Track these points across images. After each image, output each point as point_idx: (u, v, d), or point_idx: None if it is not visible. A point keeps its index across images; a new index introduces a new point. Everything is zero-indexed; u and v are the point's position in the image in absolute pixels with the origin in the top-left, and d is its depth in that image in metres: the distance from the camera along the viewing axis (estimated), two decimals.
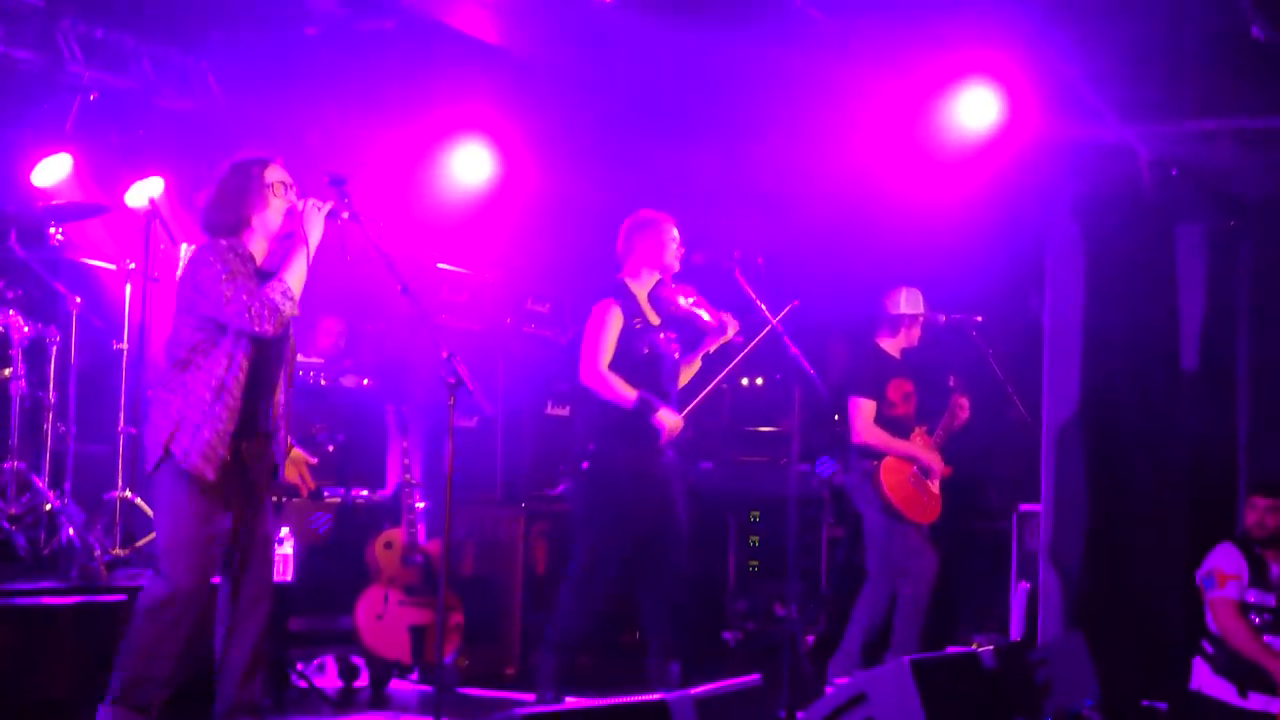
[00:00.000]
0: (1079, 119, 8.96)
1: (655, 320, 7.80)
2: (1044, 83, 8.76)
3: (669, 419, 7.64)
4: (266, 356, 6.25)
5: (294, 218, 6.26)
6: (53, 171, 9.02)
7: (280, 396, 6.38)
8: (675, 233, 7.85)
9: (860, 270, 9.61)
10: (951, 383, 8.96)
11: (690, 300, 7.82)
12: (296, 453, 6.80)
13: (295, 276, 6.16)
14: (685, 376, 7.99)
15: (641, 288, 7.83)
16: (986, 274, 9.94)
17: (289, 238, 6.28)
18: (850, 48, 8.60)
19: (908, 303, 8.93)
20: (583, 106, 10.06)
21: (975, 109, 9.01)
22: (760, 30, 8.48)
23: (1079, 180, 9.33)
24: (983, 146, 9.08)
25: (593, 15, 8.12)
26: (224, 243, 6.20)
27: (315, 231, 6.24)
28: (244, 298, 6.03)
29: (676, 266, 7.82)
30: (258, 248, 6.28)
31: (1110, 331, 9.19)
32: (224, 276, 6.07)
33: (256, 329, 6.03)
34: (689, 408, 8.12)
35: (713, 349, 7.93)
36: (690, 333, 7.90)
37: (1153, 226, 9.20)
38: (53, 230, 8.51)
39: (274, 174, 6.31)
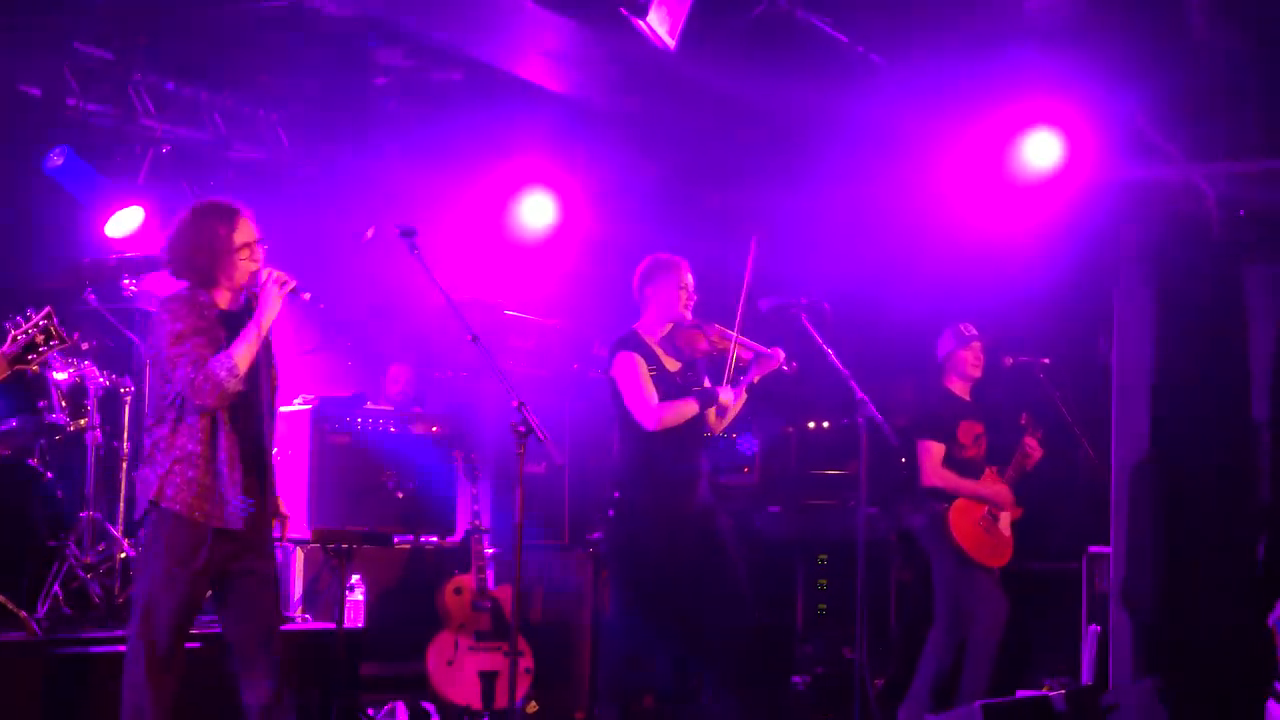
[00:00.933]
0: (1145, 160, 8.96)
1: (672, 366, 7.68)
2: (1109, 124, 8.76)
3: (726, 395, 7.55)
4: (250, 403, 6.20)
5: (257, 285, 6.20)
6: (126, 224, 9.11)
7: (268, 442, 6.35)
8: (689, 279, 7.71)
9: (927, 313, 9.60)
10: (1024, 421, 8.94)
11: (713, 338, 7.67)
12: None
13: (243, 352, 6.05)
14: (731, 414, 7.82)
15: (654, 336, 7.71)
16: (1054, 316, 9.91)
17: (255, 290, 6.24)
18: (913, 93, 8.62)
19: (944, 342, 8.96)
20: (648, 153, 10.12)
21: (1040, 152, 9.01)
22: (823, 77, 8.51)
23: (1146, 221, 9.30)
24: (1049, 189, 9.07)
25: (657, 64, 8.16)
26: (184, 296, 6.18)
27: (273, 309, 6.15)
28: (189, 369, 5.98)
29: (689, 316, 7.67)
30: (222, 299, 6.25)
31: (1179, 372, 9.14)
32: (173, 339, 6.04)
33: (197, 402, 6.00)
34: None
35: (757, 380, 7.73)
36: (723, 371, 7.79)
37: (1221, 267, 9.16)
38: (127, 282, 8.62)
39: (242, 235, 6.23)
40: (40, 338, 6.42)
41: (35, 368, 6.61)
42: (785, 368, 7.71)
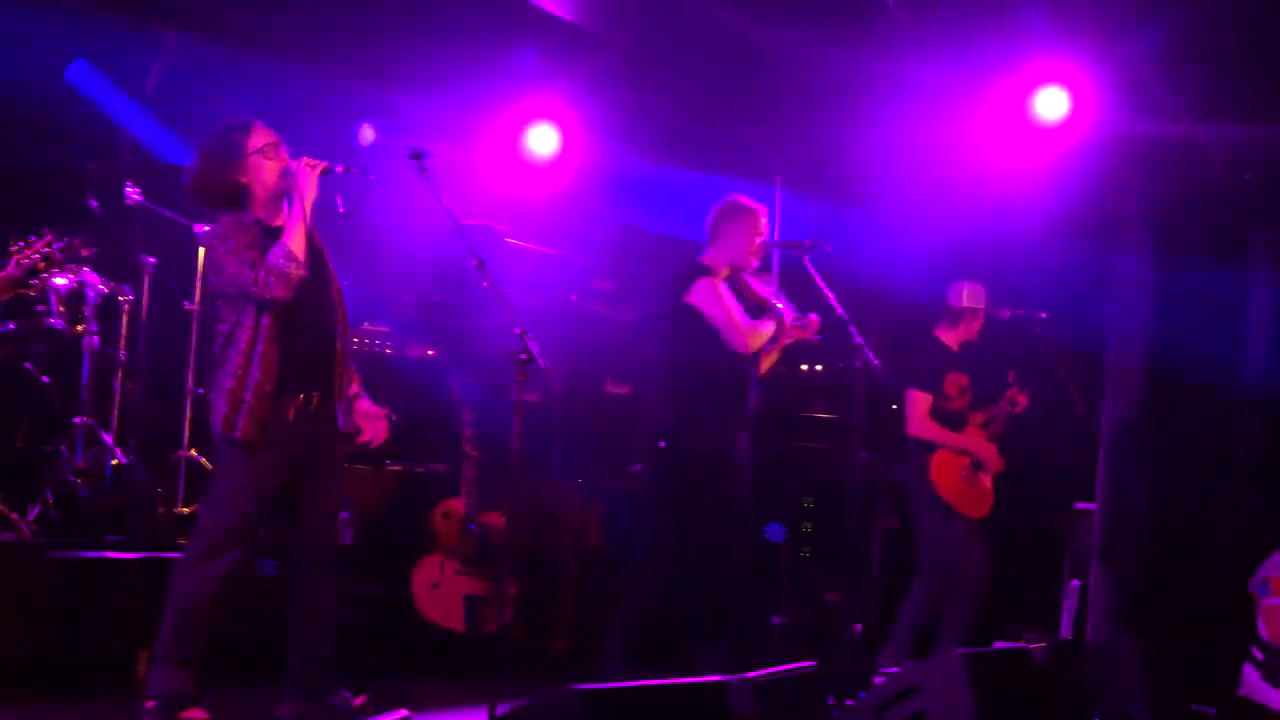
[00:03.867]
0: (1151, 118, 8.94)
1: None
2: (1116, 81, 8.75)
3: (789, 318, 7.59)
4: (302, 318, 6.34)
5: (290, 177, 6.34)
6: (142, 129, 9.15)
7: (338, 362, 6.49)
8: (763, 225, 7.70)
9: (928, 263, 9.60)
10: (1011, 378, 8.96)
11: (765, 294, 7.69)
12: (369, 406, 6.76)
13: (295, 238, 6.24)
14: (764, 366, 7.89)
15: (721, 274, 7.70)
16: (1054, 270, 9.92)
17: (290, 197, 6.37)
18: (922, 41, 8.60)
19: (970, 297, 8.93)
20: (656, 87, 10.06)
21: (1046, 106, 8.99)
22: (835, 19, 8.48)
23: (1150, 179, 9.29)
24: (1054, 144, 9.06)
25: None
26: (227, 219, 6.33)
27: (310, 190, 6.29)
28: (248, 270, 6.15)
29: (756, 264, 7.68)
30: (262, 211, 6.38)
31: (1176, 333, 9.16)
32: (227, 252, 6.20)
33: (267, 296, 6.16)
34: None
35: (789, 343, 7.80)
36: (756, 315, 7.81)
37: (1224, 229, 9.17)
38: (130, 189, 8.60)
39: (259, 137, 6.38)
40: (43, 264, 6.45)
41: (34, 292, 6.66)
42: (814, 339, 7.75)
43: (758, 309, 7.67)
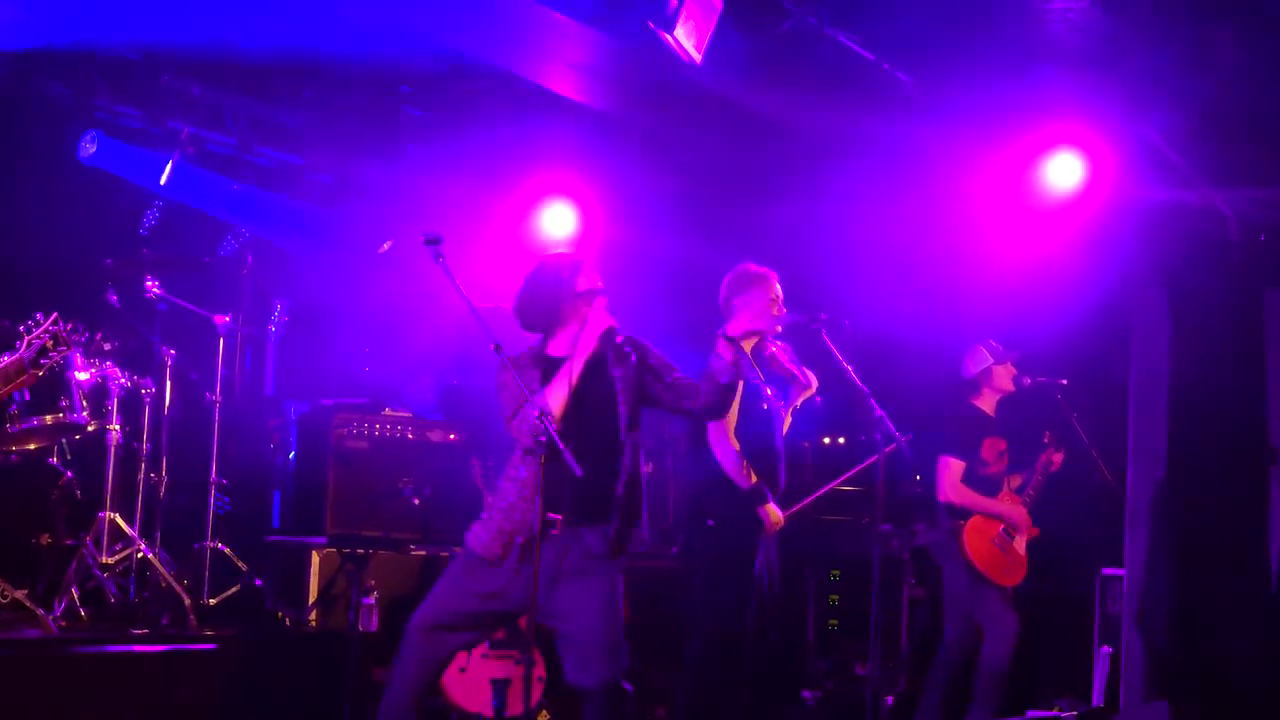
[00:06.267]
0: (1167, 183, 8.97)
1: (760, 377, 7.67)
2: (1131, 147, 8.77)
3: (774, 514, 7.49)
4: (586, 435, 6.36)
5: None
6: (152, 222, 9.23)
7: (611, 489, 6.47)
8: (778, 290, 7.69)
9: (945, 332, 9.60)
10: (1047, 439, 8.94)
11: (789, 359, 7.68)
12: None
13: (556, 393, 6.31)
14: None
15: (744, 345, 7.66)
16: (1073, 337, 9.91)
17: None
18: (937, 113, 8.63)
19: (974, 360, 8.94)
20: (670, 167, 10.12)
21: (1062, 173, 9.02)
22: (849, 95, 8.52)
23: (1166, 244, 9.32)
24: (1070, 210, 9.08)
25: (683, 78, 8.18)
26: (517, 355, 6.43)
27: (588, 349, 6.38)
28: (509, 411, 6.30)
29: (779, 328, 7.65)
30: (562, 345, 6.49)
31: (1197, 396, 9.15)
32: (501, 387, 6.37)
33: (523, 444, 6.30)
34: (799, 505, 8.18)
35: (799, 404, 7.78)
36: (782, 389, 7.82)
37: (1241, 291, 9.17)
38: (150, 283, 8.68)
39: (585, 280, 6.51)
40: (50, 343, 6.43)
41: (42, 372, 6.60)
42: (817, 397, 7.72)
43: (782, 382, 7.67)
